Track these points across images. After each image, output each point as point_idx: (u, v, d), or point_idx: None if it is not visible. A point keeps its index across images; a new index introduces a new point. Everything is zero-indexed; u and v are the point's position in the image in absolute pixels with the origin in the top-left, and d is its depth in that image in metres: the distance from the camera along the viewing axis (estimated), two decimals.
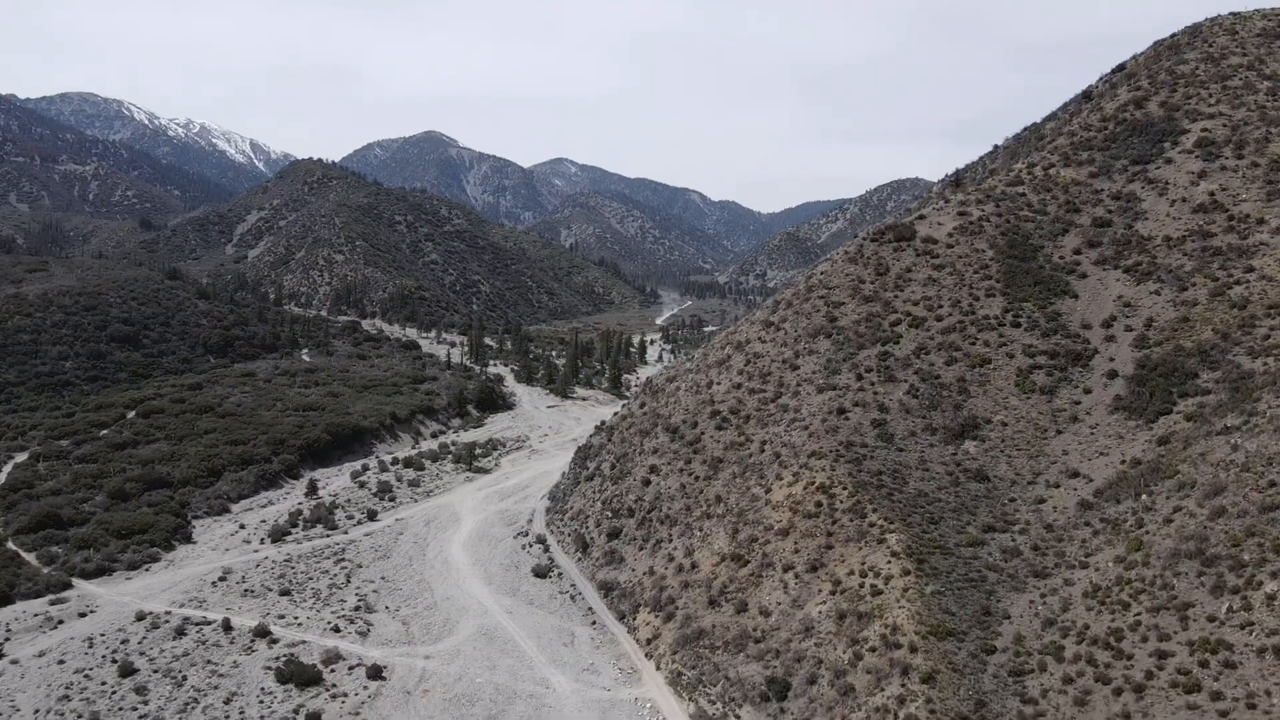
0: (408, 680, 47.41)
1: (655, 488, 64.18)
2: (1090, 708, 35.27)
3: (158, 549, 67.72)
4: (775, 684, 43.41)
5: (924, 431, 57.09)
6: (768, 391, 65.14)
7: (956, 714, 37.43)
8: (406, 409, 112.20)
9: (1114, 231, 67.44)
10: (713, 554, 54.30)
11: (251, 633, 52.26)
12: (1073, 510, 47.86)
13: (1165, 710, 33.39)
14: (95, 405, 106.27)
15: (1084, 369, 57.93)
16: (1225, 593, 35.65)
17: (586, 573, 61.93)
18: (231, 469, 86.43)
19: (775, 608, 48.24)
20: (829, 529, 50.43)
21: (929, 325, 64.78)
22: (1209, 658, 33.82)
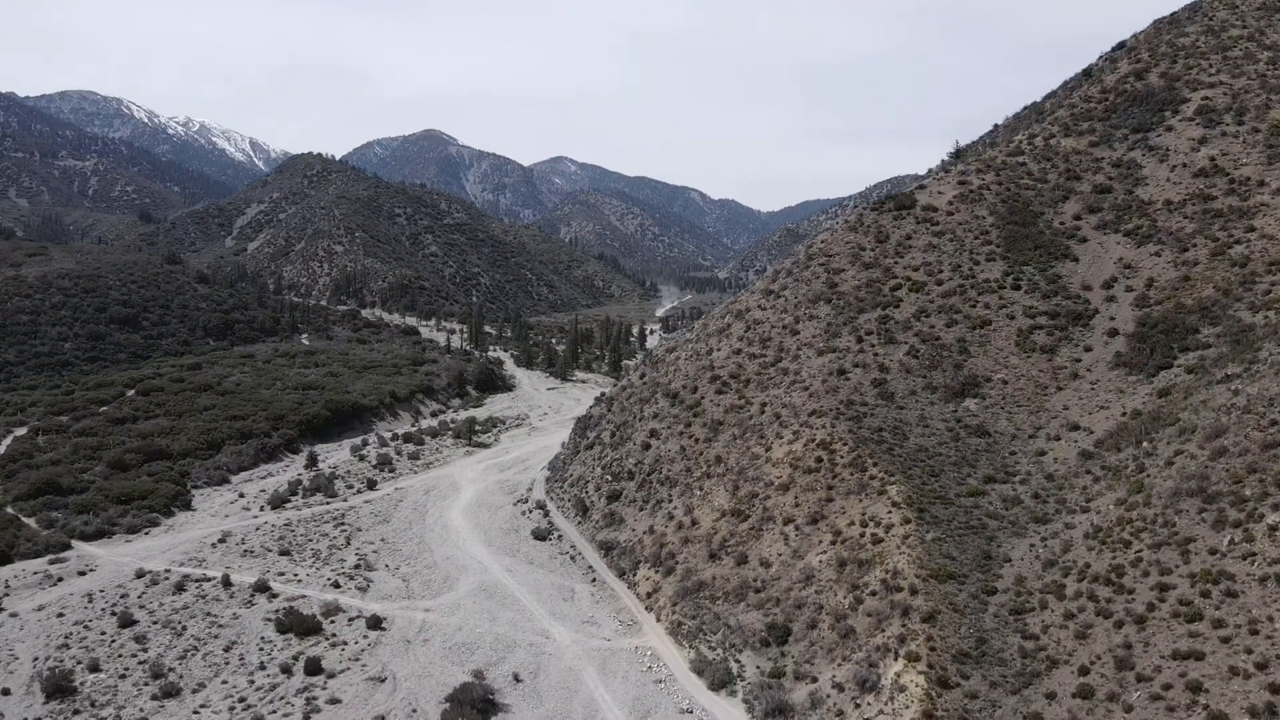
0: (408, 630, 47.31)
1: (655, 451, 64.11)
2: (1091, 640, 35.21)
3: (157, 514, 67.63)
4: (775, 629, 43.35)
5: (924, 390, 57.04)
6: (768, 356, 65.07)
7: (957, 651, 37.37)
8: (406, 388, 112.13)
9: (1114, 197, 67.38)
10: (713, 510, 54.23)
11: (251, 588, 52.18)
12: (1073, 460, 47.81)
13: (1167, 640, 33.32)
14: (94, 384, 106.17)
15: (1084, 328, 57.88)
16: (1227, 527, 35.59)
17: (586, 534, 61.85)
18: (231, 442, 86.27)
19: (776, 559, 48.18)
20: (829, 483, 50.35)
21: (929, 289, 64.74)
22: (1210, 588, 33.75)
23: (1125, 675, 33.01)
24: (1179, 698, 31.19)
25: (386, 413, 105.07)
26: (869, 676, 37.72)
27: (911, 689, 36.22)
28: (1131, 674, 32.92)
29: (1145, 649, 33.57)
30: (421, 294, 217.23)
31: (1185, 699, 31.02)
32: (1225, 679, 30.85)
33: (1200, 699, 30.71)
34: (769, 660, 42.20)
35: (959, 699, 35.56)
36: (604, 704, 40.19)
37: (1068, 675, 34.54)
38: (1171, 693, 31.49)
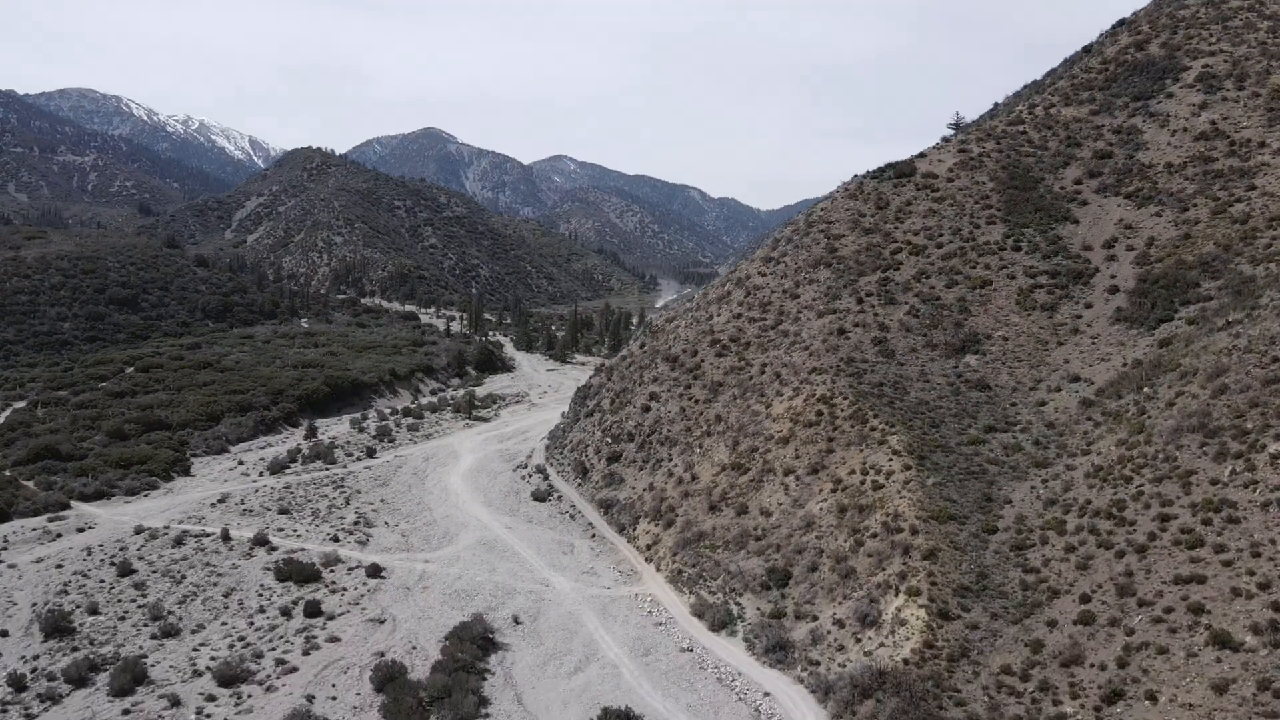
0: (407, 579, 47.23)
1: (655, 413, 64.02)
2: (1093, 570, 35.14)
3: (156, 478, 67.43)
4: (776, 573, 43.27)
5: (924, 348, 56.98)
6: (768, 319, 65.00)
7: (958, 585, 37.31)
8: (406, 367, 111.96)
9: (1115, 162, 67.33)
10: (713, 465, 54.14)
11: (250, 541, 52.09)
12: (1074, 409, 47.75)
13: (1168, 566, 33.26)
14: (93, 361, 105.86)
15: (1085, 286, 57.84)
16: (1228, 458, 35.54)
17: (586, 495, 61.75)
18: (230, 415, 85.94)
19: (776, 508, 48.10)
20: (829, 435, 50.29)
21: (929, 252, 64.67)
22: (1212, 516, 33.70)
23: (1127, 601, 32.95)
24: (1181, 620, 31.13)
25: (386, 390, 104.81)
26: (869, 611, 37.65)
27: (912, 622, 36.17)
28: (1133, 600, 32.86)
29: (1147, 576, 33.51)
30: (421, 283, 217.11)
31: (1187, 620, 30.96)
32: (1228, 600, 30.78)
33: (1202, 620, 30.65)
34: (769, 602, 42.12)
35: (960, 630, 35.49)
36: (604, 644, 40.10)
37: (1069, 604, 34.48)
38: (1173, 615, 31.42)
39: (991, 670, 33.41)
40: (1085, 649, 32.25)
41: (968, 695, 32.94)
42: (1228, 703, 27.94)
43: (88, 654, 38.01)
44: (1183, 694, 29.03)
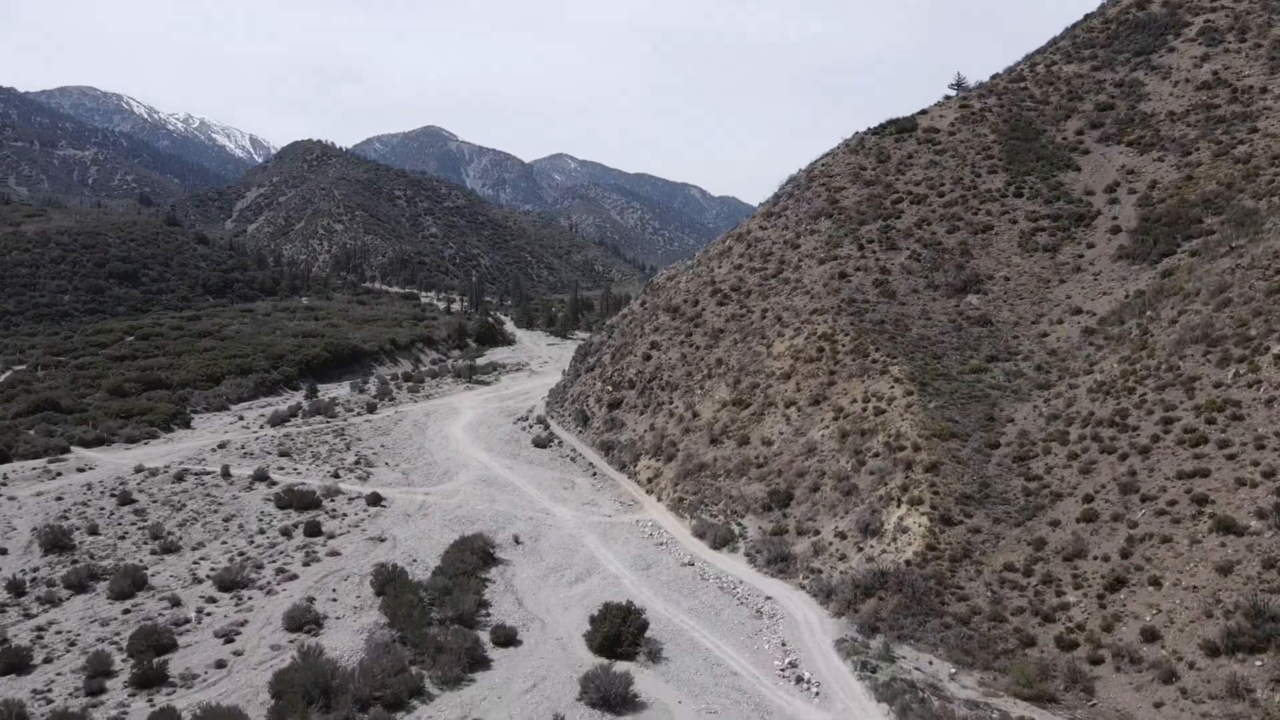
0: (408, 507, 47.15)
1: (656, 361, 63.87)
2: (1095, 473, 35.03)
3: (156, 429, 67.30)
4: (778, 496, 43.16)
5: (926, 289, 56.88)
6: (769, 269, 64.90)
7: (960, 494, 37.20)
8: (407, 338, 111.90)
9: (1117, 113, 67.24)
10: (714, 403, 54.03)
11: (250, 477, 51.99)
12: (1076, 337, 47.66)
13: (1172, 464, 33.15)
14: (93, 330, 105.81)
15: (1087, 228, 57.74)
16: (1231, 363, 35.43)
17: (587, 441, 61.62)
18: (231, 376, 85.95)
19: (777, 438, 47.99)
20: (831, 369, 50.18)
21: (930, 201, 64.57)
22: (1216, 415, 33.59)
23: (1130, 498, 32.84)
24: (1184, 511, 31.02)
25: (386, 359, 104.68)
26: (871, 521, 37.54)
27: (914, 529, 36.05)
28: (1136, 496, 32.75)
29: (1150, 474, 33.40)
30: (421, 269, 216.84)
31: (1190, 511, 30.84)
32: (1232, 490, 30.67)
33: (1206, 510, 30.53)
34: (771, 522, 42.00)
35: (962, 534, 35.39)
36: (605, 559, 39.99)
37: (1071, 505, 34.37)
38: (1177, 507, 31.31)
39: (994, 568, 33.30)
40: (1088, 544, 32.14)
41: (970, 591, 32.84)
42: (1232, 582, 27.82)
43: (87, 565, 37.86)
44: (1186, 578, 28.91)
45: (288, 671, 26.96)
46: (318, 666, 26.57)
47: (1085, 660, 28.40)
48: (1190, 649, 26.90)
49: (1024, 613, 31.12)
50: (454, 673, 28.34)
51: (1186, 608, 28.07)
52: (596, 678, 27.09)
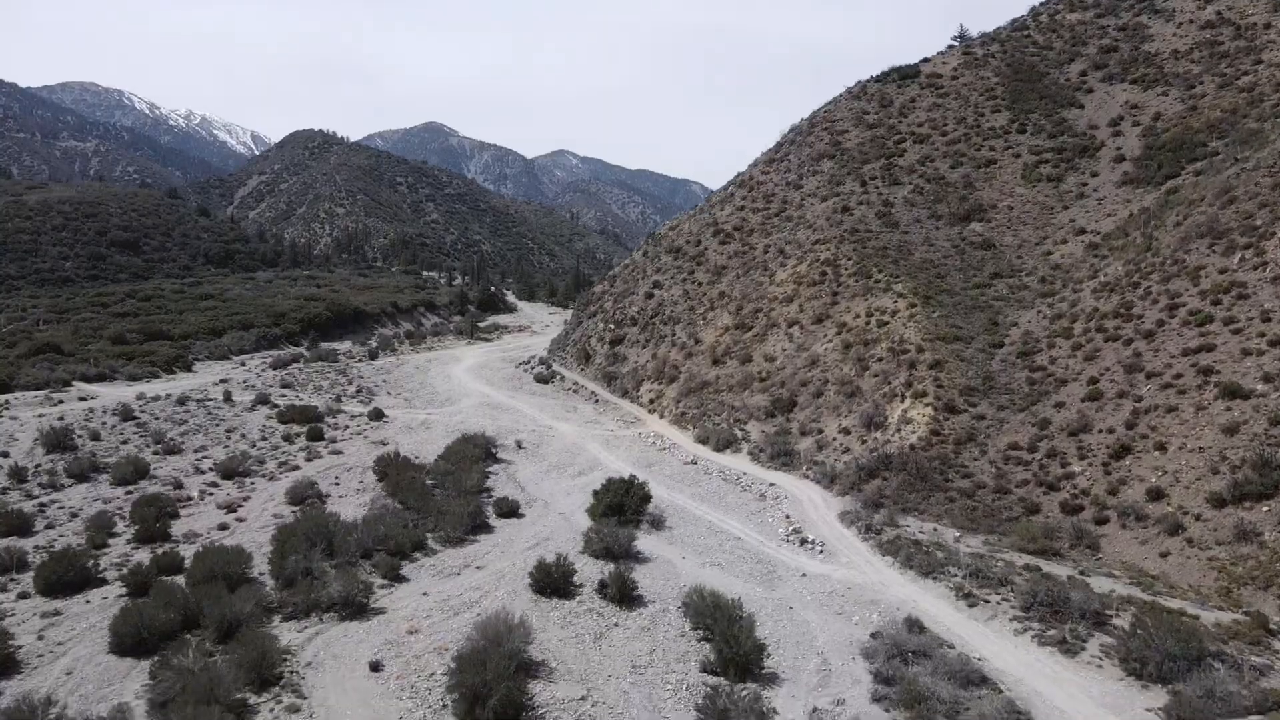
0: (410, 423, 47.07)
1: (658, 298, 63.73)
2: (1100, 359, 34.93)
3: (158, 369, 67.20)
4: (781, 403, 43.06)
5: (929, 219, 56.75)
6: (771, 208, 64.77)
7: (964, 387, 37.10)
8: (409, 302, 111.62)
9: (1120, 54, 67.10)
10: (716, 330, 53.91)
11: (253, 400, 51.86)
12: (1081, 252, 47.55)
13: (1177, 344, 33.05)
14: (95, 293, 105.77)
15: (1091, 159, 57.59)
16: (1237, 250, 35.32)
17: (589, 376, 61.49)
18: (233, 330, 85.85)
19: (780, 354, 47.88)
20: (834, 290, 50.10)
21: (934, 140, 64.46)
22: (1222, 297, 33.50)
23: (1134, 377, 32.74)
24: (1190, 382, 30.91)
25: (388, 320, 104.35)
26: (875, 415, 37.44)
27: (918, 420, 35.96)
28: (1141, 375, 32.65)
29: (1155, 355, 33.30)
30: (424, 250, 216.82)
31: (1196, 382, 30.74)
32: (1237, 360, 30.57)
33: (1211, 380, 30.42)
34: (774, 426, 41.88)
35: (966, 421, 35.28)
36: (607, 460, 39.86)
37: (1076, 388, 34.26)
38: (1182, 380, 31.21)
39: (998, 448, 33.21)
40: (1093, 420, 32.03)
41: (974, 470, 32.73)
42: (1238, 441, 27.70)
43: (90, 459, 37.77)
44: (1192, 441, 28.80)
45: (290, 525, 26.87)
46: (320, 517, 26.50)
47: (1090, 521, 28.30)
48: (1196, 503, 26.79)
49: (1028, 484, 31.01)
50: (456, 534, 28.26)
51: (1192, 467, 27.97)
52: (599, 531, 27.01)
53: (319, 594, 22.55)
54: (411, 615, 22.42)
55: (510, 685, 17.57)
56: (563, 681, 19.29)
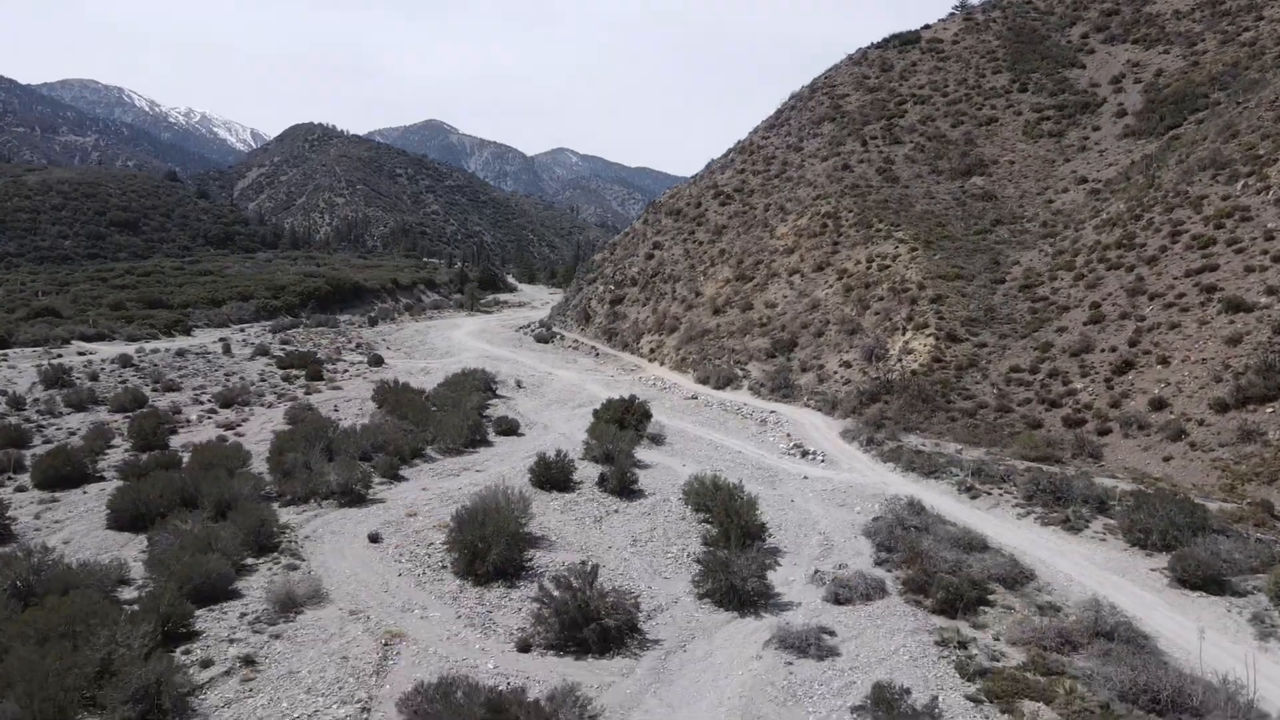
0: (410, 369, 46.88)
1: (658, 259, 63.58)
2: (1102, 286, 34.81)
3: (157, 332, 67.02)
4: (782, 344, 42.93)
5: (930, 174, 56.62)
6: (771, 170, 64.62)
7: (966, 318, 36.98)
8: (409, 279, 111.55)
9: (1122, 17, 66.96)
10: (717, 283, 53.76)
11: (253, 351, 51.75)
12: (1083, 198, 47.41)
13: (1180, 266, 32.91)
14: (95, 270, 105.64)
15: (1093, 114, 57.45)
16: (1241, 178, 35.17)
17: (589, 335, 61.34)
18: (233, 301, 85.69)
19: (781, 300, 47.74)
20: (834, 240, 49.96)
21: (934, 101, 64.34)
22: (1225, 221, 33.34)
23: (1137, 299, 32.61)
24: (1192, 300, 30.78)
25: (388, 297, 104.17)
26: (876, 348, 37.30)
27: (920, 350, 35.83)
28: (1144, 296, 32.52)
29: (1158, 278, 33.17)
30: (423, 238, 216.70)
31: (1199, 300, 30.61)
32: (1240, 276, 30.43)
33: (1214, 296, 30.29)
34: (774, 365, 41.73)
35: (968, 349, 35.15)
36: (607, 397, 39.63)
37: (1078, 314, 34.12)
38: (1185, 299, 31.08)
39: (1000, 371, 33.07)
40: (1095, 340, 31.89)
41: (976, 392, 32.59)
42: (1241, 350, 27.57)
43: (89, 392, 37.62)
44: (1195, 354, 28.67)
45: (288, 431, 26.73)
46: (319, 422, 26.36)
47: (1093, 433, 28.17)
48: (1199, 410, 26.65)
49: (1030, 402, 30.88)
50: (456, 445, 28.11)
51: (1195, 378, 27.83)
52: (600, 436, 26.88)
53: (317, 483, 22.39)
54: (411, 504, 22.27)
55: (509, 542, 17.42)
56: (562, 550, 19.15)
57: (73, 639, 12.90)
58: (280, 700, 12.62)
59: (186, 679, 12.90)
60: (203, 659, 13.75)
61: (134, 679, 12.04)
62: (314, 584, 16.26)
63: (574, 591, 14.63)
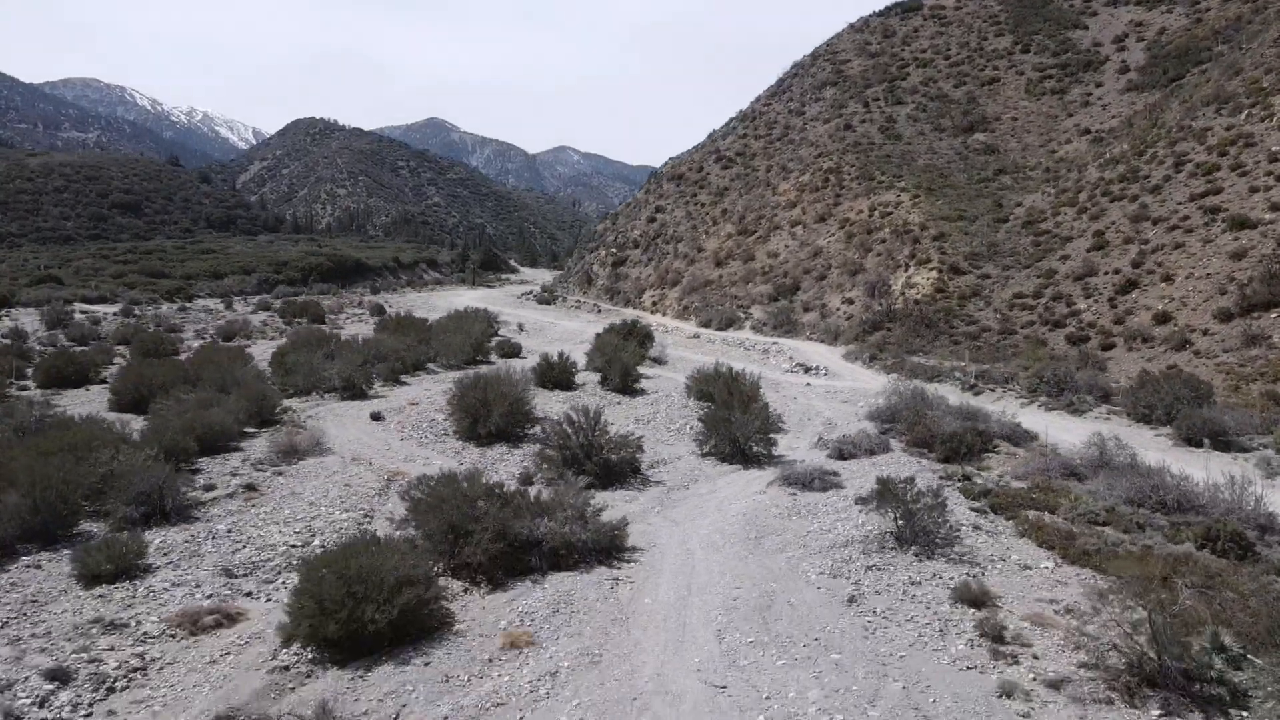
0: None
1: (660, 221, 63.54)
2: (1105, 217, 34.72)
3: (159, 298, 67.04)
4: (784, 289, 42.85)
5: (932, 132, 56.50)
6: (773, 134, 64.56)
7: (969, 253, 36.89)
8: (411, 258, 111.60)
9: None
10: (719, 238, 53.70)
11: (254, 306, 51.75)
12: (1085, 146, 47.31)
13: (1183, 192, 32.83)
14: (97, 249, 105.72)
15: (1096, 72, 57.32)
16: (1244, 109, 35.07)
17: (591, 296, 61.31)
18: (234, 274, 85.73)
19: (783, 250, 47.67)
20: (836, 193, 49.86)
21: (937, 64, 64.23)
22: (1228, 148, 33.24)
23: (1140, 224, 32.52)
24: (1196, 222, 30.70)
25: (390, 275, 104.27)
26: (878, 284, 37.23)
27: (923, 283, 35.76)
28: (1147, 222, 32.43)
29: (1161, 204, 33.08)
30: (425, 227, 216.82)
31: (1202, 221, 30.52)
32: (1244, 197, 30.33)
33: (1218, 217, 30.20)
34: (776, 307, 41.66)
35: (971, 280, 35.08)
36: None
37: (1081, 243, 34.05)
38: (1189, 221, 30.99)
39: (1003, 298, 33.00)
40: (1098, 265, 31.82)
41: (979, 318, 32.52)
42: (1245, 264, 27.48)
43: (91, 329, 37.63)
44: (1200, 269, 28.58)
45: (290, 339, 26.68)
46: (320, 331, 26.27)
47: (1096, 348, 28.07)
48: (1203, 320, 26.57)
49: (1033, 325, 30.81)
50: (457, 362, 28.06)
51: (1199, 291, 27.75)
52: (602, 345, 26.81)
53: (319, 378, 22.36)
54: (414, 396, 22.23)
55: (512, 407, 17.38)
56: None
57: (75, 455, 12.87)
58: (282, 509, 12.58)
59: (190, 491, 12.88)
60: (205, 485, 13.70)
61: (136, 483, 12.01)
62: (316, 438, 16.23)
63: (578, 427, 14.58)
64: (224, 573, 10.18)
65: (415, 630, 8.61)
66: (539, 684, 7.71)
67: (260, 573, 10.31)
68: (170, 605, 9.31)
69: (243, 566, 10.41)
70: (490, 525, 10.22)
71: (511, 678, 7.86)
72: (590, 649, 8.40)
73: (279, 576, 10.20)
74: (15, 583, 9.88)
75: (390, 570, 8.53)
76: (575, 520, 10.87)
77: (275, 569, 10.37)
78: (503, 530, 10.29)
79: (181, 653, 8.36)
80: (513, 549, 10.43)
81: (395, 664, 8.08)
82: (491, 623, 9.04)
